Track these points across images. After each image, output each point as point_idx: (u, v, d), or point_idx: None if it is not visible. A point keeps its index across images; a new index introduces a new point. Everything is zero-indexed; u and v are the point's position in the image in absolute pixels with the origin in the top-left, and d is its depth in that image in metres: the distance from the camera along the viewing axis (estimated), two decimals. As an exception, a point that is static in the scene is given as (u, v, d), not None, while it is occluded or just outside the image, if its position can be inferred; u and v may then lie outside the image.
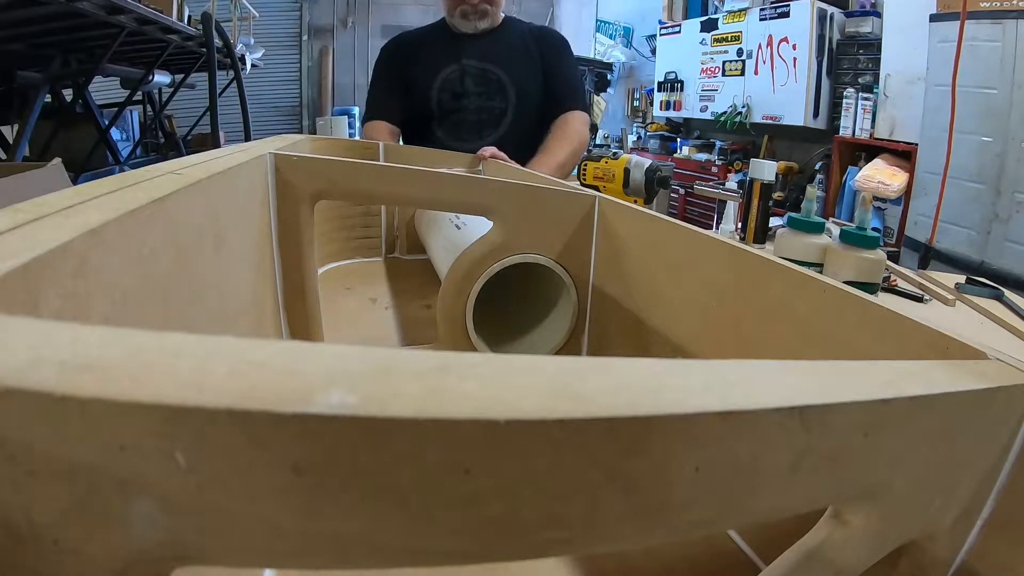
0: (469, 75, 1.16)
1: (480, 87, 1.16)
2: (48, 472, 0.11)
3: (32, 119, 2.08)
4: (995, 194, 1.99)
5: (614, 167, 1.14)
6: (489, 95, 1.17)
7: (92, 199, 0.25)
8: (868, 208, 0.71)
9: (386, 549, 0.13)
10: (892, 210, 2.45)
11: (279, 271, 0.53)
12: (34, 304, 0.18)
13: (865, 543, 0.20)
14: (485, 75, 1.16)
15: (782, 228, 0.78)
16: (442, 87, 1.16)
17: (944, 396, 0.18)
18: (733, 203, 1.24)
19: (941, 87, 2.05)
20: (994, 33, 1.93)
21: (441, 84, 1.16)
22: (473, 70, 1.16)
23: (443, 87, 1.16)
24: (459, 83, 1.16)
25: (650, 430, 0.13)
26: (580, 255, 0.58)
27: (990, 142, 1.99)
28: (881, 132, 2.50)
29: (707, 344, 0.43)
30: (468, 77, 1.16)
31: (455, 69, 1.16)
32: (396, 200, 0.73)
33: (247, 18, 3.78)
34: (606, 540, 0.15)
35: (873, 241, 0.69)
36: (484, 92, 1.17)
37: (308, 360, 0.12)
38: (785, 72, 2.87)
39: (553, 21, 5.26)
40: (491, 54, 1.16)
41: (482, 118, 1.18)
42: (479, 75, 1.16)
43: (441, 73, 1.15)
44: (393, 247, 1.01)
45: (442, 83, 1.16)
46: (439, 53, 1.16)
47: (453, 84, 1.16)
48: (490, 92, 1.17)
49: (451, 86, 1.16)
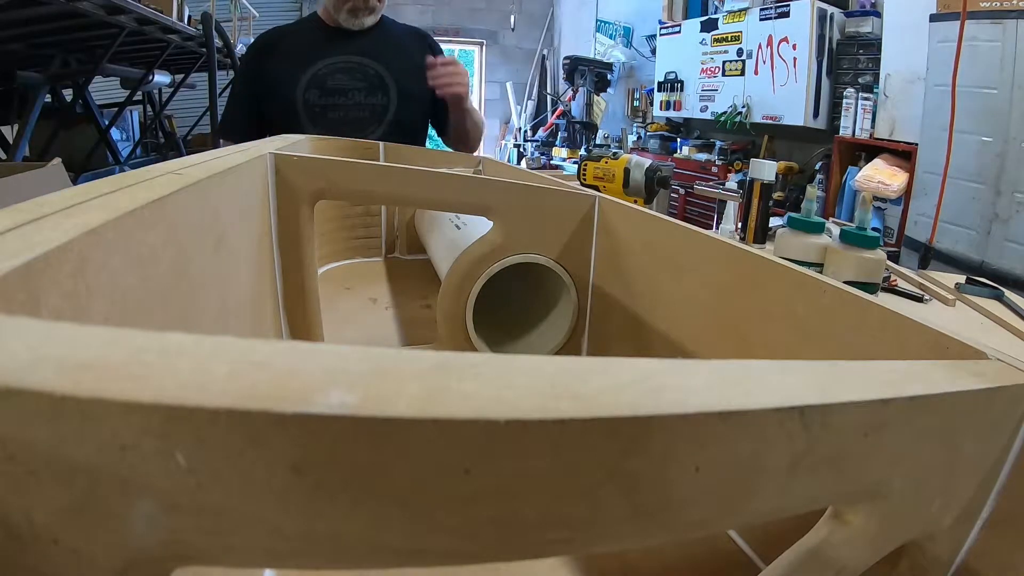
0: (346, 71, 1.10)
1: (361, 82, 1.11)
2: (48, 472, 0.11)
3: (32, 119, 2.08)
4: (995, 194, 1.99)
5: (614, 167, 1.14)
6: (371, 90, 1.12)
7: (92, 199, 0.25)
8: (868, 208, 0.72)
9: (386, 549, 0.13)
10: (892, 210, 2.45)
11: (279, 271, 0.53)
12: (34, 304, 0.18)
13: (865, 543, 0.20)
14: (364, 70, 1.11)
15: (782, 228, 0.78)
16: (310, 83, 1.09)
17: (944, 396, 0.18)
18: (733, 203, 1.24)
19: (941, 87, 2.05)
20: (994, 33, 1.93)
21: (310, 80, 1.09)
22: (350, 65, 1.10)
23: (313, 82, 1.09)
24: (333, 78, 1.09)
25: (650, 430, 0.13)
26: (580, 255, 0.58)
27: (990, 142, 1.98)
28: (881, 132, 2.50)
29: (707, 344, 0.43)
30: (344, 73, 1.10)
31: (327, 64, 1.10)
32: (396, 200, 0.73)
33: (247, 18, 3.78)
34: (606, 540, 0.15)
35: (873, 241, 0.69)
36: (365, 87, 1.11)
37: (308, 360, 0.12)
38: (785, 72, 2.87)
39: (553, 21, 5.26)
40: (371, 50, 1.12)
41: (364, 115, 1.12)
42: (357, 70, 1.10)
43: (311, 68, 1.09)
44: (393, 247, 1.01)
45: (313, 78, 1.09)
46: (309, 48, 1.10)
47: (323, 80, 1.09)
48: (372, 87, 1.12)
49: (321, 82, 1.09)
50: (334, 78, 1.09)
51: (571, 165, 3.94)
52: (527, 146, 4.77)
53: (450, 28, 4.97)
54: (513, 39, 5.17)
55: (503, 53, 5.20)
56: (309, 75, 1.08)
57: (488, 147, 5.19)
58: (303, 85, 1.08)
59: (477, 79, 5.28)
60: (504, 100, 5.23)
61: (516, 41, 5.19)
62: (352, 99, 1.10)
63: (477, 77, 5.28)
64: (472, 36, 5.13)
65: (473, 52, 5.30)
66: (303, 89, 1.08)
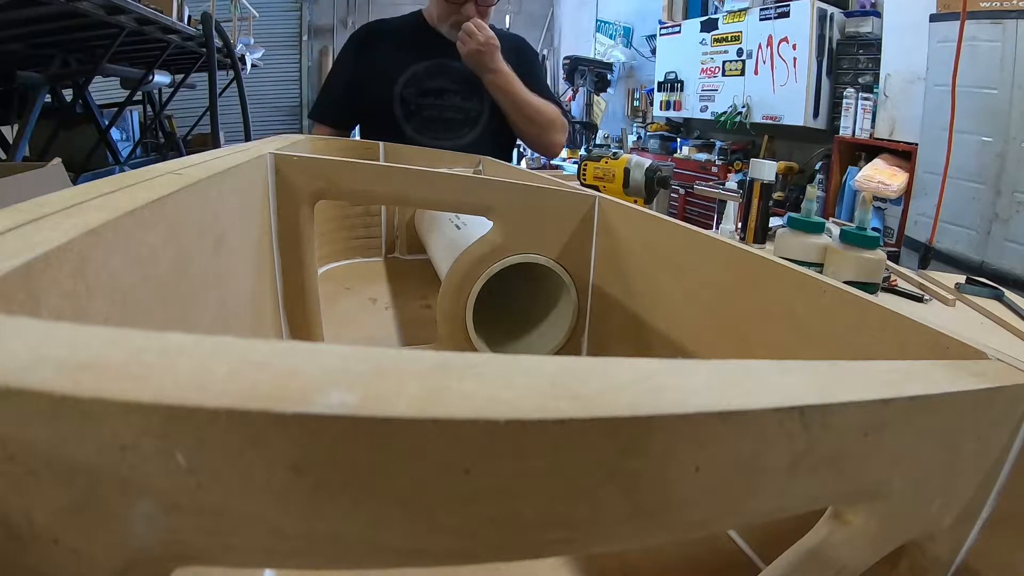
0: (445, 73, 1.11)
1: (458, 85, 1.11)
2: (48, 472, 0.11)
3: (32, 119, 2.08)
4: (995, 194, 1.98)
5: (614, 167, 1.13)
6: (467, 94, 1.12)
7: (92, 199, 0.25)
8: (868, 208, 0.72)
9: (386, 549, 0.13)
10: (892, 210, 2.45)
11: (279, 271, 0.53)
12: (34, 304, 0.18)
13: (865, 543, 0.20)
14: (463, 74, 1.10)
15: (782, 228, 0.78)
16: (410, 81, 1.09)
17: (944, 396, 0.18)
18: (733, 203, 1.24)
19: (941, 87, 2.05)
20: (994, 33, 1.93)
21: (411, 77, 1.09)
22: (451, 68, 1.11)
23: (412, 81, 1.09)
24: (431, 79, 1.10)
25: (650, 430, 0.13)
26: (580, 255, 0.58)
27: (990, 142, 1.98)
28: (881, 132, 2.50)
29: (707, 344, 0.43)
30: (443, 75, 1.11)
31: (430, 65, 1.10)
32: (396, 200, 0.73)
33: (247, 18, 3.78)
34: (606, 540, 0.15)
35: (873, 241, 0.69)
36: (461, 91, 1.12)
37: (308, 360, 0.12)
38: (785, 72, 2.87)
39: (553, 21, 5.26)
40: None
41: (459, 117, 1.13)
42: (458, 73, 1.10)
43: (413, 66, 1.10)
44: (393, 247, 1.01)
45: (412, 76, 1.09)
46: (412, 46, 1.11)
47: (422, 79, 1.10)
48: (468, 91, 1.12)
49: (419, 81, 1.10)
50: (433, 79, 1.10)
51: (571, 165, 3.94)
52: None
53: (449, 28, 4.96)
54: (512, 39, 5.16)
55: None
56: (409, 72, 1.09)
57: (488, 146, 5.18)
58: (402, 82, 1.09)
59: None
60: (504, 100, 5.22)
61: (516, 42, 5.18)
62: (448, 101, 1.11)
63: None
64: (472, 36, 5.11)
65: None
66: (402, 86, 1.09)
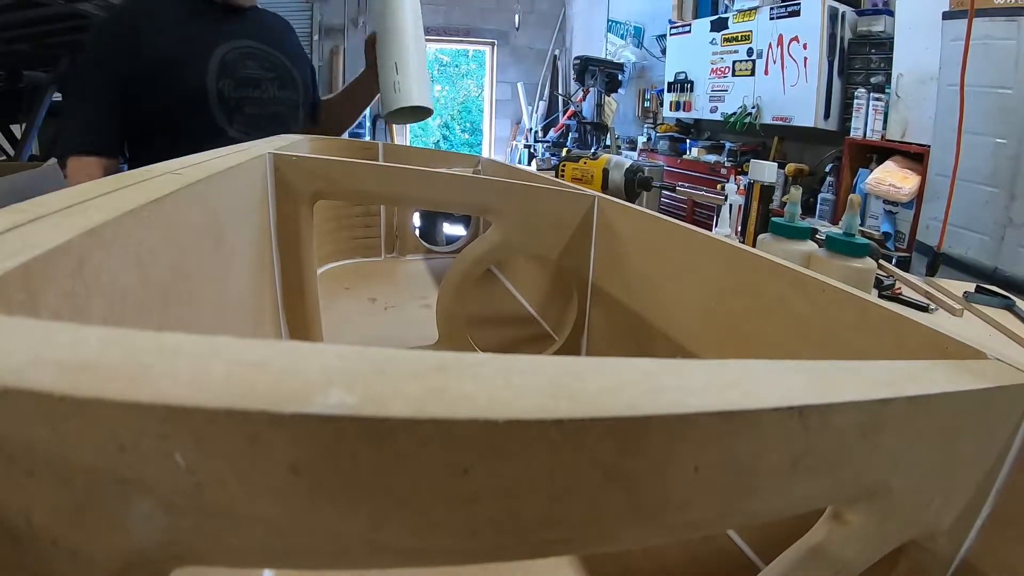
0: (251, 57, 0.88)
1: (268, 72, 0.90)
2: (47, 472, 0.11)
3: (39, 117, 2.09)
4: (1009, 198, 1.90)
5: (593, 168, 1.07)
6: (281, 82, 0.92)
7: (91, 199, 0.25)
8: (855, 212, 0.64)
9: (385, 549, 0.13)
10: (904, 214, 2.37)
11: (278, 271, 0.53)
12: (33, 304, 0.18)
13: (865, 543, 0.20)
14: (269, 58, 0.90)
15: (764, 234, 0.71)
16: (221, 72, 0.84)
17: (943, 396, 0.18)
18: (726, 207, 1.20)
19: (954, 87, 1.98)
20: (1009, 31, 1.85)
21: (220, 68, 0.84)
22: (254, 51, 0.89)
23: (223, 71, 0.85)
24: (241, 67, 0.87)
25: (650, 430, 0.13)
26: (580, 255, 0.58)
27: (1004, 144, 1.90)
28: (893, 133, 2.43)
29: (707, 344, 0.43)
30: (251, 60, 0.88)
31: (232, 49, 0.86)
32: (395, 200, 0.73)
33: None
34: (606, 540, 0.15)
35: (861, 249, 0.62)
36: (274, 78, 0.91)
37: (308, 360, 0.12)
38: (795, 72, 2.83)
39: (565, 21, 5.23)
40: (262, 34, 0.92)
41: (281, 109, 0.92)
42: (263, 57, 0.90)
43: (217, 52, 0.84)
44: (393, 247, 1.01)
45: (221, 66, 0.84)
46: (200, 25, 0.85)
47: (233, 67, 0.86)
48: (281, 79, 0.92)
49: (231, 70, 0.85)
50: (245, 66, 0.88)
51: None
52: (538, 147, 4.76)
53: (460, 28, 4.95)
54: (524, 39, 5.14)
55: (514, 53, 5.17)
56: (217, 61, 0.84)
57: (499, 148, 5.17)
58: (213, 73, 0.84)
59: (488, 79, 5.27)
60: (515, 101, 5.20)
61: (527, 41, 5.16)
62: (267, 92, 0.90)
63: (488, 77, 5.27)
64: (483, 36, 5.10)
65: (485, 52, 5.30)
66: (214, 78, 0.84)
